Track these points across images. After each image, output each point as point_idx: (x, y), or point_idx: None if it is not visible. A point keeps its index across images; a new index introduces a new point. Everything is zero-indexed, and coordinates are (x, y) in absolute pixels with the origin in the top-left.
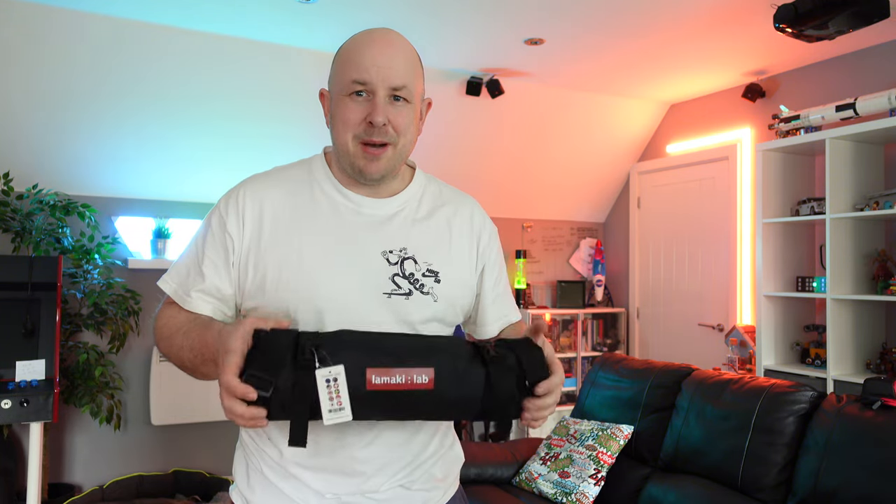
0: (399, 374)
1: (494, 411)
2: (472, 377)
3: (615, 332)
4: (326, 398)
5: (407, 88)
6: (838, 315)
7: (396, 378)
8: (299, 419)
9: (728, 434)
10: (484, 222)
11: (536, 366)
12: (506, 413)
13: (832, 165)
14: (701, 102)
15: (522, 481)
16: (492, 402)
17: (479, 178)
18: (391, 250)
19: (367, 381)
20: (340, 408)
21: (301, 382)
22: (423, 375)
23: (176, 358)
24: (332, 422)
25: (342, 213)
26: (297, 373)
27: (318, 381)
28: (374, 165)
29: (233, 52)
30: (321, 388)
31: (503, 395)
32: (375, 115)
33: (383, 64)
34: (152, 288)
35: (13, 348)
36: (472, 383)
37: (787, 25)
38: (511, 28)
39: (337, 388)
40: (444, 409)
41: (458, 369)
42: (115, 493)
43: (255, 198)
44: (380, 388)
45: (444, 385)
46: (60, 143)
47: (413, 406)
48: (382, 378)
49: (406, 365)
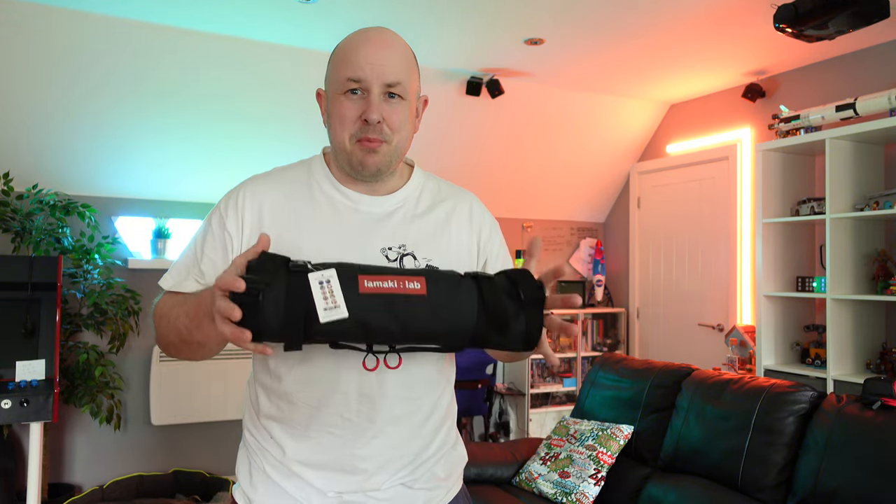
0: (390, 279)
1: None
2: (464, 288)
3: (615, 332)
4: (321, 297)
5: (401, 85)
6: (838, 315)
7: (388, 283)
8: (294, 322)
9: (728, 434)
10: (483, 216)
11: (529, 285)
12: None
13: (832, 165)
14: (701, 102)
15: (522, 481)
16: (487, 316)
17: (479, 177)
18: (390, 247)
19: (360, 283)
20: (336, 306)
21: (294, 285)
22: (414, 282)
23: (174, 331)
24: (329, 318)
25: (341, 211)
26: (289, 277)
27: (311, 284)
28: (370, 158)
29: (233, 52)
30: (315, 290)
31: (497, 307)
32: (370, 113)
33: (377, 61)
34: (152, 288)
35: (13, 348)
36: (466, 294)
37: (787, 25)
38: (511, 28)
39: (331, 289)
40: (440, 319)
41: (449, 281)
42: (115, 493)
43: (255, 198)
44: (372, 290)
45: (436, 292)
46: (60, 143)
47: (408, 315)
48: (374, 282)
49: (397, 273)
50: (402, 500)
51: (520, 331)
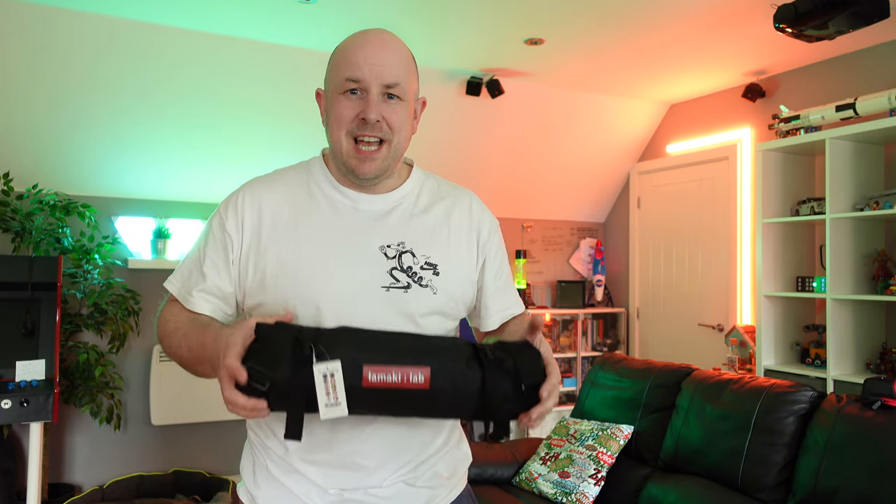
0: (395, 372)
1: (488, 413)
2: (469, 379)
3: (615, 332)
4: (323, 392)
5: (400, 86)
6: (838, 315)
7: (392, 376)
8: (296, 413)
9: (728, 434)
10: (483, 215)
11: (532, 370)
12: (500, 415)
13: (832, 165)
14: (701, 102)
15: (522, 481)
16: (486, 404)
17: (479, 177)
18: (389, 245)
19: (364, 377)
20: (337, 402)
21: (299, 376)
22: (419, 374)
23: (175, 355)
24: (329, 416)
25: (339, 210)
26: (295, 367)
27: (315, 376)
28: (366, 166)
29: (232, 51)
30: (318, 383)
31: (497, 398)
32: (369, 112)
33: (376, 62)
34: (152, 288)
35: (13, 348)
36: (468, 385)
37: (787, 25)
38: (511, 28)
39: (334, 384)
40: (439, 408)
41: (455, 371)
42: (115, 493)
43: (254, 200)
44: (376, 385)
45: (439, 385)
46: (60, 143)
47: (407, 405)
48: (378, 376)
49: (402, 363)
50: (403, 498)
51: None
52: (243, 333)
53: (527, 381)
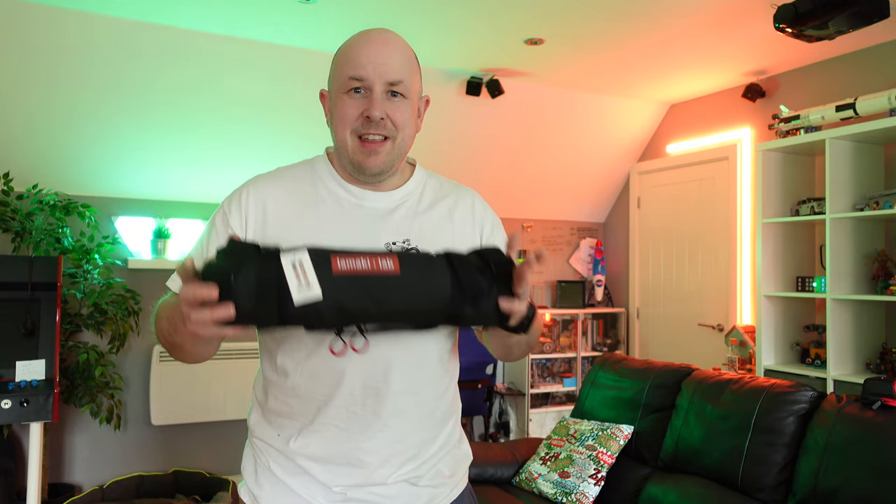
0: (364, 259)
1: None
2: (437, 268)
3: (615, 332)
4: (294, 279)
5: (403, 84)
6: (838, 315)
7: (361, 263)
8: (267, 302)
9: (728, 434)
10: (485, 212)
11: (495, 253)
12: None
13: (832, 165)
14: (701, 102)
15: (522, 481)
16: (460, 293)
17: (479, 177)
18: (394, 241)
19: (333, 265)
20: (309, 285)
21: (266, 267)
22: (387, 261)
23: (161, 335)
24: (302, 300)
25: (344, 206)
26: (260, 261)
27: (283, 265)
28: (372, 160)
29: (232, 52)
30: (288, 271)
31: (469, 282)
32: (373, 110)
33: (379, 60)
34: (152, 288)
35: (13, 348)
36: (438, 272)
37: (787, 25)
38: (511, 28)
39: (303, 270)
40: (415, 296)
41: (422, 261)
42: (115, 493)
43: (258, 195)
44: (345, 272)
45: (409, 270)
46: (60, 143)
47: (383, 294)
48: (347, 262)
49: (370, 253)
50: (406, 496)
51: (493, 303)
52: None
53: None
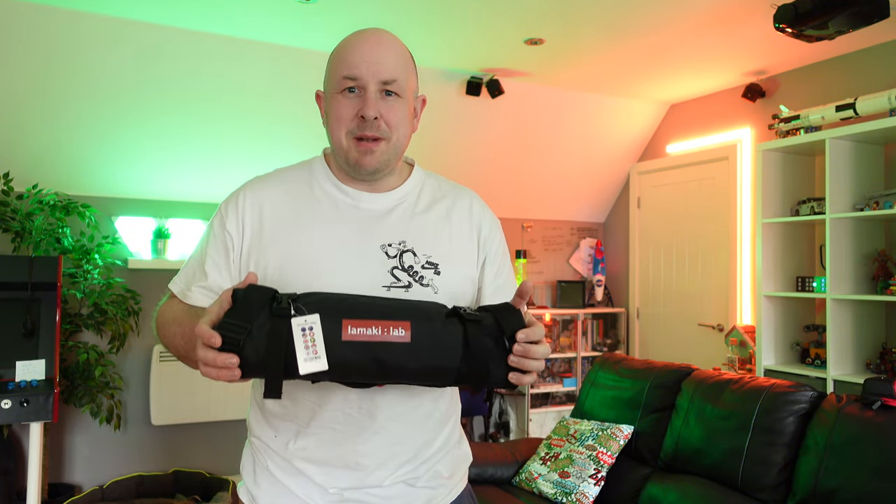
0: (375, 325)
1: (474, 370)
2: (449, 334)
3: (615, 332)
4: (302, 346)
5: (398, 83)
6: (838, 315)
7: (373, 330)
8: (274, 368)
9: (728, 434)
10: (483, 213)
11: (513, 321)
12: (485, 369)
13: (832, 165)
14: (701, 102)
15: (522, 481)
16: (470, 359)
17: (479, 177)
18: (390, 243)
19: (343, 331)
20: (316, 356)
21: (276, 330)
22: (399, 329)
23: (171, 345)
24: (308, 370)
25: (341, 208)
26: (272, 321)
27: (293, 330)
28: (367, 159)
29: (233, 52)
30: (297, 337)
31: (480, 352)
32: (367, 109)
33: (373, 59)
34: (152, 288)
35: (13, 348)
36: (450, 339)
37: (787, 25)
38: (511, 28)
39: (313, 337)
40: (422, 366)
41: (435, 326)
42: (115, 493)
43: (255, 198)
44: (356, 338)
45: (420, 340)
46: (60, 143)
47: (390, 361)
48: (358, 329)
49: (383, 318)
50: (404, 498)
51: (501, 374)
52: (219, 301)
53: (508, 332)
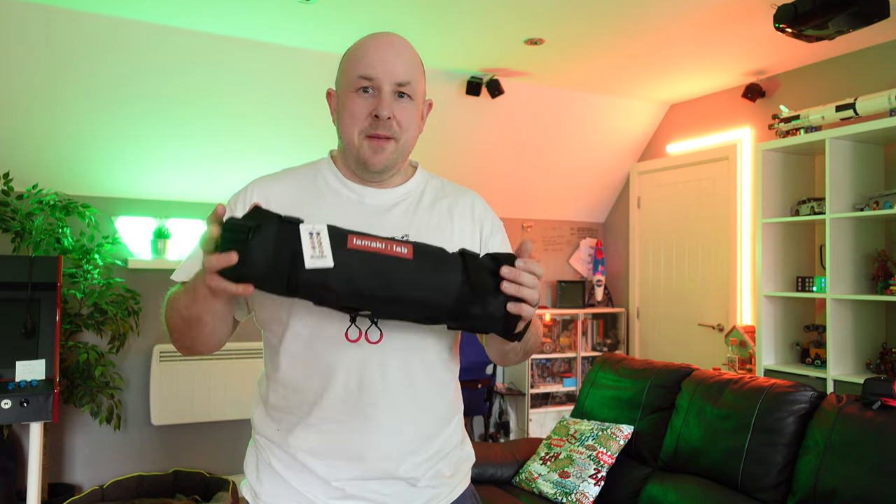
0: (380, 241)
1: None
2: (450, 262)
3: (615, 332)
4: (309, 246)
5: (411, 85)
6: (838, 315)
7: (377, 244)
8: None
9: (728, 434)
10: (485, 213)
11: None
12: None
13: (832, 165)
14: (701, 102)
15: (522, 481)
16: (469, 288)
17: (479, 178)
18: (393, 237)
19: (349, 241)
20: (322, 255)
21: (284, 232)
22: (402, 247)
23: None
24: (314, 266)
25: (345, 203)
26: (280, 225)
27: (301, 232)
28: (377, 157)
29: (233, 52)
30: (304, 238)
31: (479, 282)
32: (381, 109)
33: (389, 61)
34: (152, 288)
35: (13, 348)
36: (450, 264)
37: (787, 25)
38: (511, 28)
39: (319, 240)
40: (423, 285)
41: (436, 253)
42: (115, 493)
43: (262, 192)
44: (360, 248)
45: (422, 259)
46: (60, 143)
47: (392, 276)
48: (363, 241)
49: (387, 238)
50: (405, 496)
51: (500, 309)
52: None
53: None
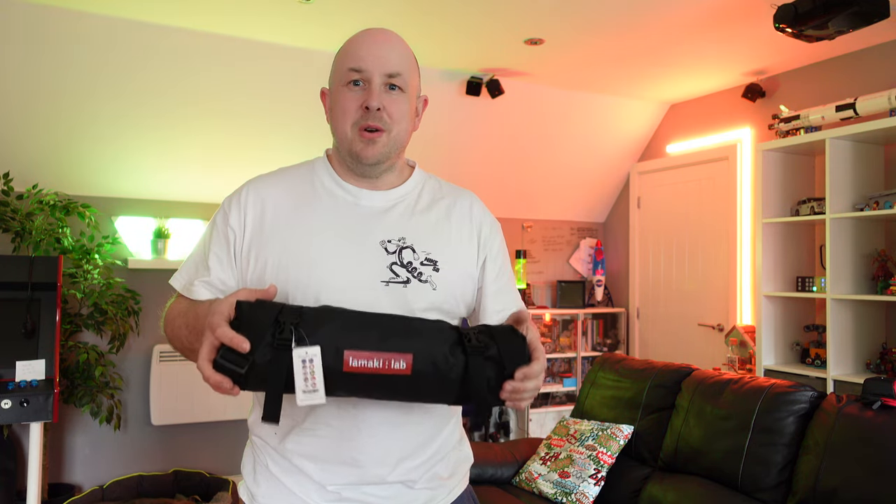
0: (376, 358)
1: (470, 398)
2: (451, 365)
3: (615, 332)
4: (301, 378)
5: (402, 77)
6: (838, 315)
7: (374, 363)
8: (274, 395)
9: (728, 434)
10: (484, 215)
11: (516, 355)
12: (481, 400)
13: (832, 165)
14: (701, 102)
15: (522, 481)
16: (468, 391)
17: (479, 178)
18: (389, 240)
19: (345, 362)
20: (314, 389)
21: (277, 360)
22: (400, 361)
23: (176, 339)
24: (306, 403)
25: (341, 205)
26: (274, 350)
27: (294, 361)
28: (369, 149)
29: (232, 51)
30: (297, 368)
31: (480, 384)
32: (371, 100)
33: (378, 53)
34: (152, 288)
35: (13, 348)
36: (451, 371)
37: (787, 25)
38: (511, 28)
39: (312, 370)
40: (420, 394)
41: (437, 357)
42: (115, 493)
43: (258, 194)
44: (356, 370)
45: (421, 371)
46: (60, 143)
47: (389, 390)
48: (359, 361)
49: (384, 349)
50: (402, 498)
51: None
52: (228, 303)
53: (510, 368)
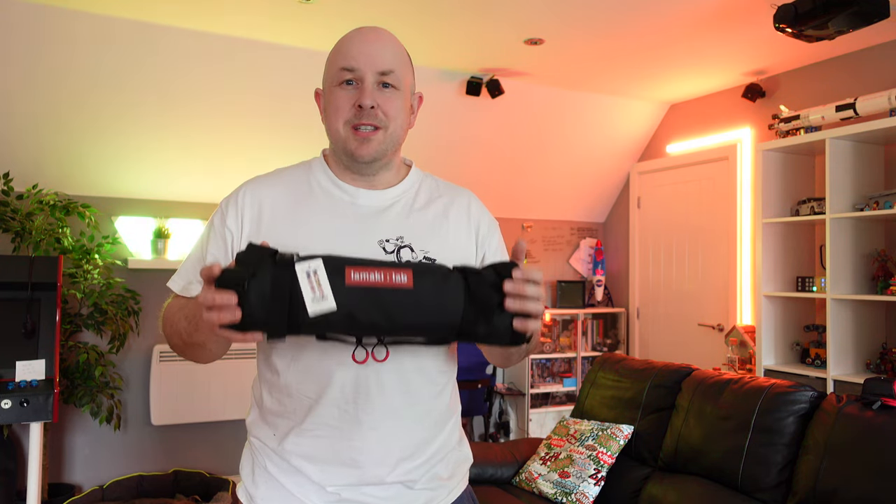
0: (377, 271)
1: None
2: (452, 283)
3: (615, 332)
4: (308, 289)
5: (395, 74)
6: (838, 315)
7: (375, 275)
8: (278, 311)
9: (728, 434)
10: (482, 213)
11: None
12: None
13: (832, 165)
14: (701, 102)
15: (522, 481)
16: (473, 307)
17: (479, 178)
18: (387, 239)
19: (346, 276)
20: (323, 297)
21: (280, 277)
22: (402, 275)
23: (175, 335)
24: (317, 311)
25: (338, 204)
26: (275, 269)
27: (298, 274)
28: (364, 147)
29: (232, 51)
30: (302, 281)
31: (483, 300)
32: (364, 98)
33: (370, 51)
34: (152, 288)
35: (13, 348)
36: (452, 287)
37: (787, 25)
38: (511, 28)
39: (318, 280)
40: (427, 312)
41: (437, 275)
42: (115, 493)
43: (255, 195)
44: (359, 283)
45: (423, 285)
46: (60, 143)
47: (394, 307)
48: (361, 274)
49: (384, 266)
50: (402, 499)
51: (505, 324)
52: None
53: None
